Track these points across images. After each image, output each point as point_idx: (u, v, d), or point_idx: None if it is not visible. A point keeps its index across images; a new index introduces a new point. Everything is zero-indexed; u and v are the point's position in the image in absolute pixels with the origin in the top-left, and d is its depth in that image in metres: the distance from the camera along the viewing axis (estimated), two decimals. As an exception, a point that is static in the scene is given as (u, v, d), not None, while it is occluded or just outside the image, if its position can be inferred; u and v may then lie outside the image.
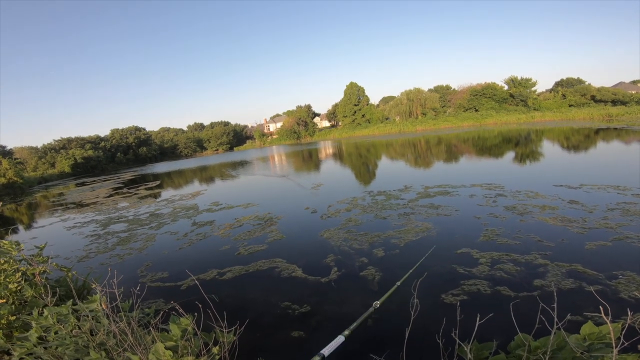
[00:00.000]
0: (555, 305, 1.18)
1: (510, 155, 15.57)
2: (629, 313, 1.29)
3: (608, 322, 1.20)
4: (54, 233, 10.09)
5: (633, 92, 42.31)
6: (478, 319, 1.31)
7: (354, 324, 1.72)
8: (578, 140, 18.74)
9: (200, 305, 2.28)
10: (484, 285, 3.98)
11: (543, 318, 1.35)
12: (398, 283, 2.58)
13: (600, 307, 1.22)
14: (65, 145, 51.81)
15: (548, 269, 4.18)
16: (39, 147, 53.20)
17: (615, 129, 22.13)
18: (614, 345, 1.16)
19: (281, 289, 4.55)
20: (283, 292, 4.42)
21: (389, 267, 4.80)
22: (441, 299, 3.77)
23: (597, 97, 41.58)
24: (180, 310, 1.86)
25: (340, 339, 1.50)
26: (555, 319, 1.17)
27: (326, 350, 1.40)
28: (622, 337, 1.20)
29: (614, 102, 39.48)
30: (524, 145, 18.85)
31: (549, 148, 16.63)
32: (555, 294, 1.39)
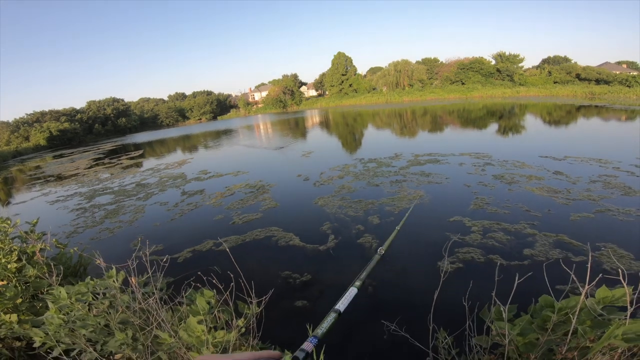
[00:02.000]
0: (588, 265, 1.23)
1: (496, 126, 15.80)
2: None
3: (625, 285, 1.27)
4: (37, 208, 9.65)
5: (617, 72, 42.86)
6: (517, 278, 1.37)
7: (364, 273, 1.72)
8: (560, 115, 19.10)
9: (206, 278, 2.25)
10: (477, 253, 4.14)
11: (573, 285, 1.42)
12: (397, 227, 2.66)
13: (619, 270, 1.28)
14: (38, 118, 49.09)
15: (536, 239, 4.36)
16: (10, 121, 50.22)
17: (597, 106, 22.61)
18: (629, 306, 1.23)
19: (280, 258, 4.59)
20: (282, 262, 4.46)
21: (386, 234, 4.88)
22: (437, 267, 3.91)
23: (582, 76, 42.01)
24: (214, 279, 1.82)
25: (353, 291, 1.49)
26: (587, 279, 1.22)
27: (341, 305, 1.39)
28: (634, 302, 1.27)
29: (598, 81, 39.95)
30: (508, 118, 19.11)
31: (534, 121, 16.94)
32: (590, 256, 1.44)
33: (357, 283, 1.59)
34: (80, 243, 6.07)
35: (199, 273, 1.97)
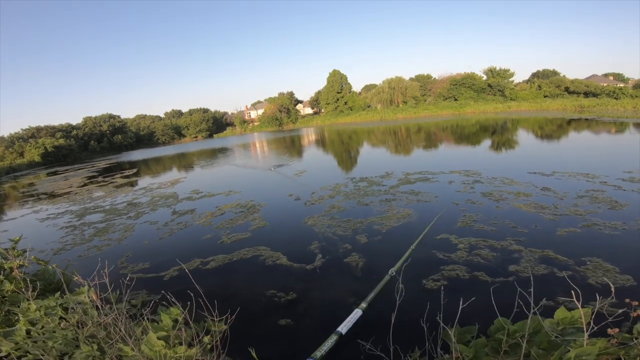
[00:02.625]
0: (532, 290, 1.26)
1: (487, 143, 16.02)
2: (598, 298, 1.38)
3: (579, 307, 1.29)
4: (27, 225, 9.62)
5: (604, 84, 44.04)
6: (461, 302, 1.38)
7: (371, 295, 1.62)
8: (551, 129, 19.45)
9: (187, 296, 2.26)
10: (463, 270, 4.13)
11: (521, 302, 1.44)
12: (412, 247, 2.61)
13: (572, 292, 1.30)
14: (34, 134, 49.08)
15: (522, 255, 4.37)
16: (5, 136, 50.23)
17: (586, 119, 23.07)
18: (585, 329, 1.25)
19: (266, 277, 4.57)
20: (268, 280, 4.43)
21: (372, 253, 4.90)
22: (422, 285, 3.90)
23: (570, 89, 43.07)
24: (173, 299, 1.85)
25: (358, 313, 1.42)
26: (532, 304, 1.24)
27: (344, 328, 1.36)
28: (592, 322, 1.28)
29: (586, 94, 40.97)
30: (500, 134, 19.40)
31: (524, 137, 17.21)
32: (532, 279, 1.47)
33: (363, 305, 1.52)
34: (67, 260, 6.04)
35: (162, 292, 1.98)
